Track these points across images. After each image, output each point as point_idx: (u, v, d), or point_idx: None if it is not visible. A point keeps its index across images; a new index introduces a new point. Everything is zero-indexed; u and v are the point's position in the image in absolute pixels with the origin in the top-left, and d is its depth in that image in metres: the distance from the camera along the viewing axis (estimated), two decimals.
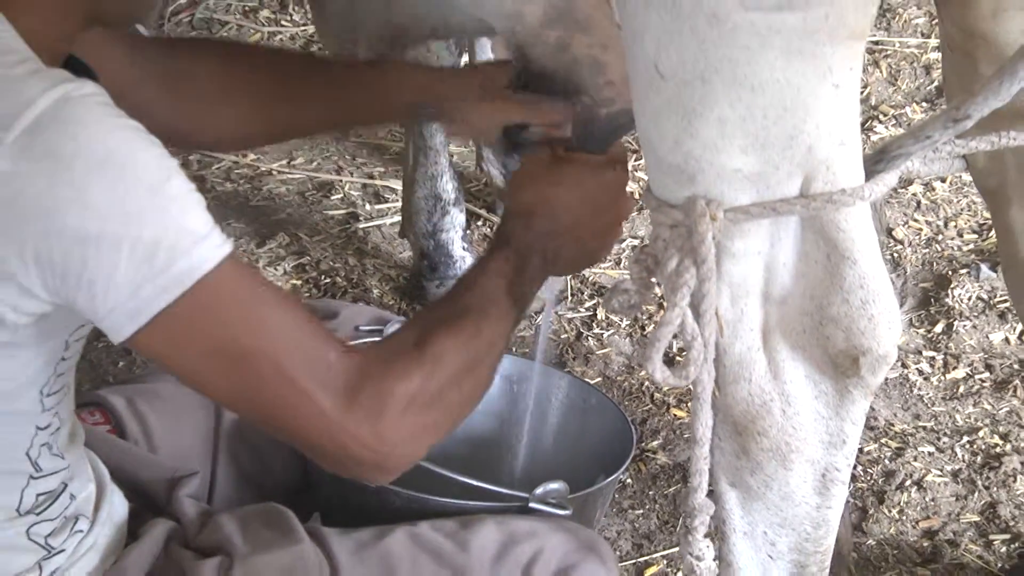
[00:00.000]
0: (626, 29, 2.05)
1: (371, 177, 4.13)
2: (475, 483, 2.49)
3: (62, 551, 2.18)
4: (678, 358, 2.11)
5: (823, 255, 2.09)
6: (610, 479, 2.63)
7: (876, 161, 2.15)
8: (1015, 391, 3.52)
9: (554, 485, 2.48)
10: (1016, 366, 3.57)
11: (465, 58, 4.04)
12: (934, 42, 4.57)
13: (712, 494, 2.26)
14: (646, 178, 2.15)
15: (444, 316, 2.20)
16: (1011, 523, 3.23)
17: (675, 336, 2.07)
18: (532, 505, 2.46)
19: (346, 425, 2.04)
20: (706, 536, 2.23)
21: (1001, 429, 3.44)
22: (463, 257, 3.79)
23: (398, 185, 4.07)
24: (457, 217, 3.81)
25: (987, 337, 3.67)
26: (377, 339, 2.50)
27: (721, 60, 1.95)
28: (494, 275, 2.30)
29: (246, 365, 2.01)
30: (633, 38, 2.03)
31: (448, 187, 3.80)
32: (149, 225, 1.89)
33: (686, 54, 1.97)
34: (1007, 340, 3.65)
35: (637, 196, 2.18)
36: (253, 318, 2.00)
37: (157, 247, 1.88)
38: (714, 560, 2.26)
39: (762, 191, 2.04)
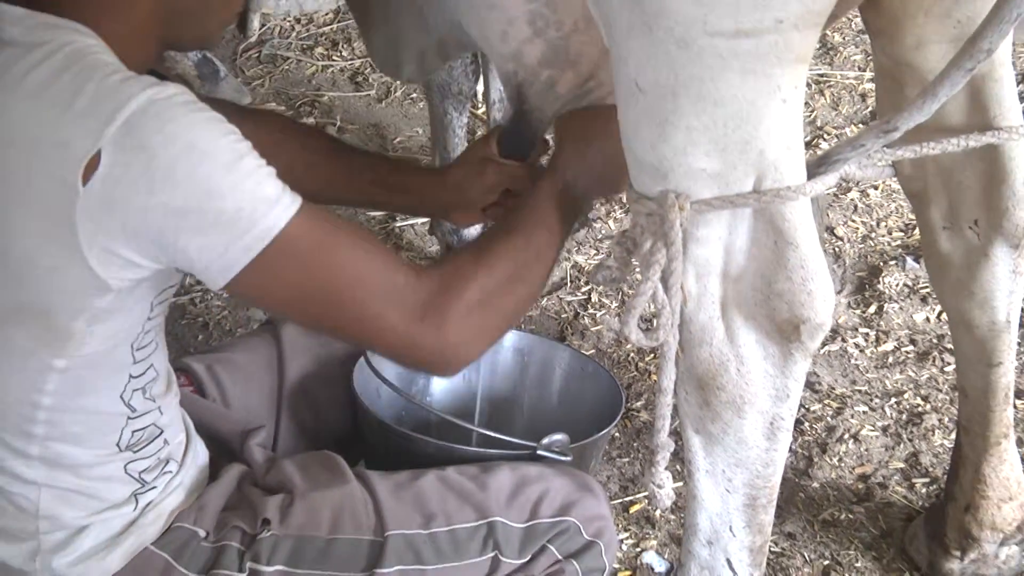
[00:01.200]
0: (612, 54, 2.04)
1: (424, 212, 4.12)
2: (492, 434, 2.51)
3: (154, 487, 2.19)
4: (649, 328, 2.11)
5: (771, 241, 2.10)
6: (603, 432, 2.65)
7: (819, 164, 2.15)
8: (934, 361, 3.52)
9: (557, 437, 2.49)
10: (935, 340, 3.57)
11: (481, 84, 4.03)
12: (868, 75, 4.59)
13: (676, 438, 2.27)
14: None
15: (498, 233, 2.24)
16: (930, 469, 3.23)
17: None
18: (539, 453, 2.48)
19: (415, 335, 2.09)
20: (666, 469, 2.28)
21: (923, 392, 3.44)
22: None
23: None
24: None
25: (911, 317, 3.66)
26: None
27: (689, 78, 1.95)
28: (546, 195, 2.33)
29: (326, 297, 2.06)
30: (618, 61, 2.03)
31: None
32: (229, 197, 1.92)
33: (660, 73, 1.97)
34: (928, 319, 3.65)
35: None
36: (328, 257, 2.03)
37: (238, 214, 1.92)
38: (672, 488, 2.29)
39: (722, 187, 2.04)
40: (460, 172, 2.65)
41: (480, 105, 4.07)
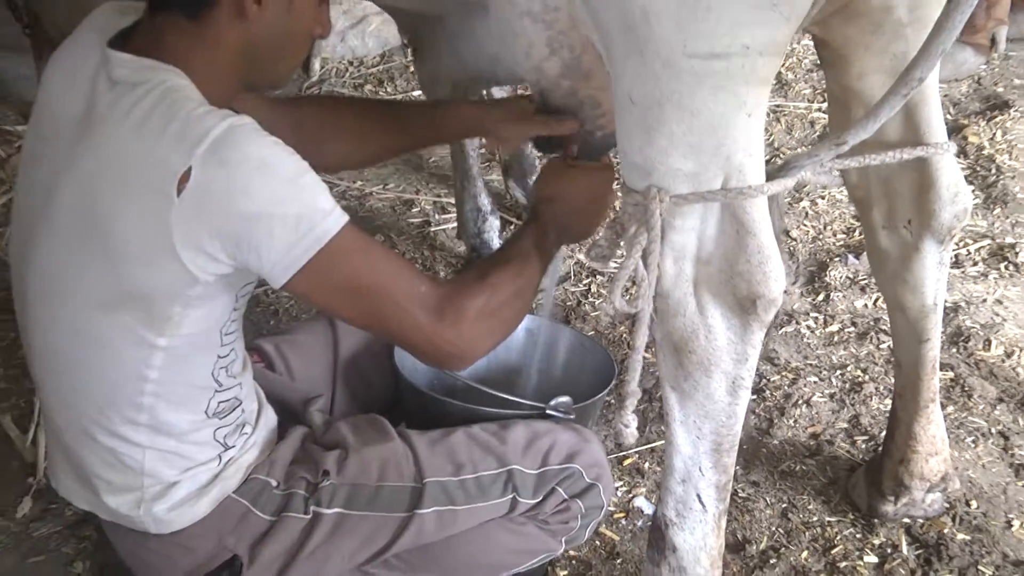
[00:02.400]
0: (611, 73, 2.06)
1: (439, 196, 4.14)
2: (509, 398, 2.51)
3: (234, 447, 2.24)
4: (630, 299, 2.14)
5: (734, 230, 2.13)
6: (599, 396, 2.67)
7: (780, 170, 2.16)
8: (871, 339, 3.50)
9: (562, 399, 2.51)
10: (872, 322, 3.56)
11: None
12: (816, 106, 4.61)
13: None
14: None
15: (497, 262, 2.25)
16: (869, 429, 3.21)
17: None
18: (548, 412, 2.49)
19: (435, 333, 2.12)
20: (632, 412, 2.33)
21: (862, 365, 3.42)
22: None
23: None
24: (494, 223, 3.78)
25: (853, 303, 3.65)
26: None
27: (671, 92, 1.99)
28: (528, 239, 2.34)
29: (365, 296, 2.08)
30: (615, 79, 2.05)
31: (485, 202, 3.78)
32: (292, 206, 1.96)
33: (648, 88, 2.00)
34: (866, 305, 3.64)
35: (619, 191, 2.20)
36: (367, 264, 2.07)
37: (299, 220, 1.96)
38: (636, 428, 2.35)
39: (695, 185, 2.07)
40: (502, 112, 2.66)
41: None
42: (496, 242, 3.76)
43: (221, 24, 2.03)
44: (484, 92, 3.73)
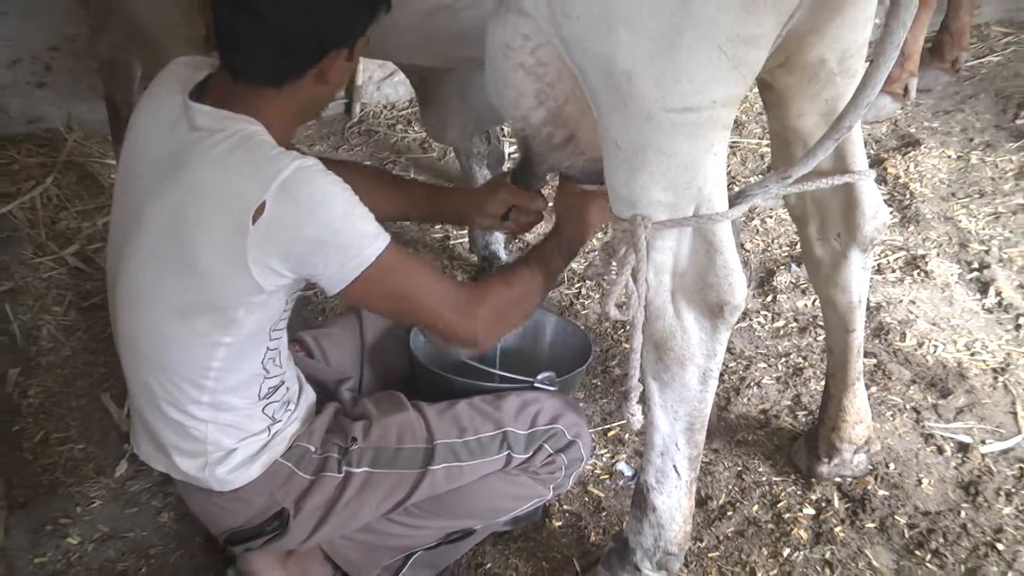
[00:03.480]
0: (599, 123, 2.07)
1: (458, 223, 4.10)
2: (504, 374, 2.55)
3: (280, 421, 2.25)
4: (622, 307, 2.13)
5: (704, 249, 2.15)
6: (578, 370, 2.69)
7: (736, 197, 2.17)
8: (810, 333, 3.50)
9: (548, 374, 2.54)
10: (811, 319, 3.55)
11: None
12: (764, 142, 4.58)
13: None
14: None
15: (512, 271, 2.30)
16: (807, 405, 3.22)
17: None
18: (536, 385, 2.51)
19: (458, 326, 2.18)
20: (637, 403, 2.30)
21: (803, 354, 3.43)
22: (504, 259, 3.75)
23: None
24: (498, 237, 3.77)
25: (795, 303, 3.65)
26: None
27: (652, 140, 2.01)
28: (545, 251, 2.42)
29: (403, 299, 2.12)
30: (603, 128, 2.06)
31: None
32: (346, 234, 2.01)
33: (632, 136, 2.01)
34: (806, 305, 3.63)
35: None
36: (405, 275, 2.08)
37: (351, 245, 2.00)
38: (641, 416, 2.33)
39: (672, 213, 2.08)
40: (482, 192, 2.71)
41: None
42: (501, 251, 3.75)
43: (300, 88, 2.07)
44: (487, 133, 3.70)
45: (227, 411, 2.18)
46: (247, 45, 2.00)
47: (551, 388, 2.52)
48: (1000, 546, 2.73)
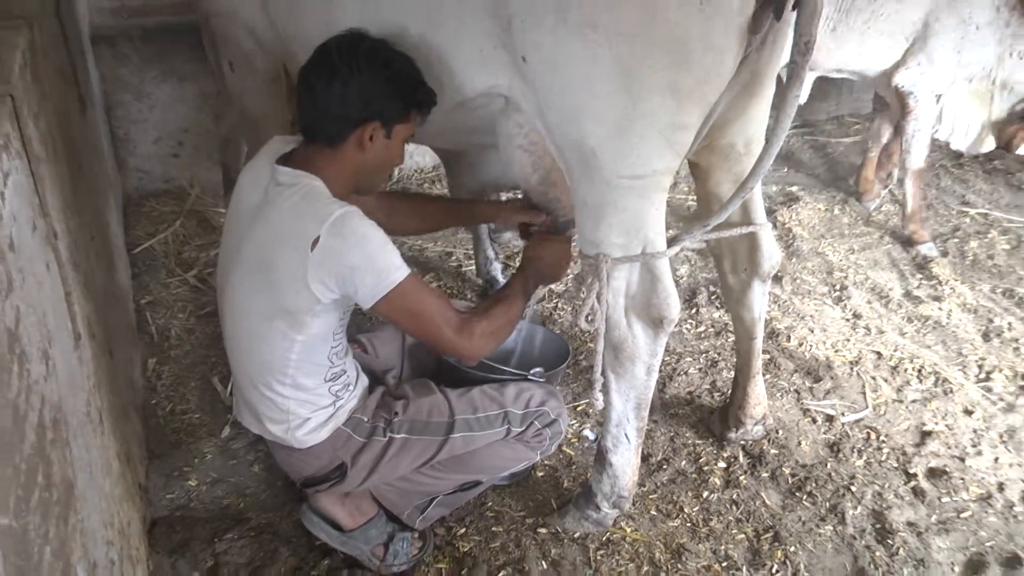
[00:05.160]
0: (571, 186, 2.07)
1: (467, 250, 4.04)
2: (507, 368, 2.46)
3: (342, 399, 2.20)
4: (588, 321, 2.10)
5: (649, 278, 2.10)
6: (560, 368, 2.59)
7: (672, 242, 2.16)
8: (723, 336, 3.46)
9: (538, 369, 2.46)
10: (724, 326, 3.51)
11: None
12: (691, 198, 4.54)
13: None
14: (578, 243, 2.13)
15: (496, 301, 2.19)
16: (721, 389, 3.17)
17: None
18: (529, 378, 2.42)
19: (456, 342, 2.07)
20: (599, 390, 2.30)
21: (718, 352, 3.38)
22: (501, 281, 3.66)
23: None
24: (497, 266, 3.69)
25: (712, 315, 3.61)
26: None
27: (610, 198, 2.01)
28: (517, 286, 2.25)
29: (415, 317, 2.06)
30: (574, 189, 2.09)
31: (491, 254, 3.68)
32: (378, 263, 1.93)
33: (596, 196, 2.00)
34: (720, 316, 3.58)
35: (575, 254, 2.16)
36: (418, 300, 2.00)
37: (381, 272, 1.95)
38: (602, 400, 2.32)
39: (625, 252, 2.05)
40: (503, 208, 2.61)
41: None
42: (499, 276, 3.68)
43: (347, 151, 2.03)
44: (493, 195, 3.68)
45: (303, 391, 2.13)
46: (309, 112, 2.03)
47: (540, 380, 2.46)
48: (853, 488, 2.71)
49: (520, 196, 2.56)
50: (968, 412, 3.05)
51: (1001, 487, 2.73)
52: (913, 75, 3.71)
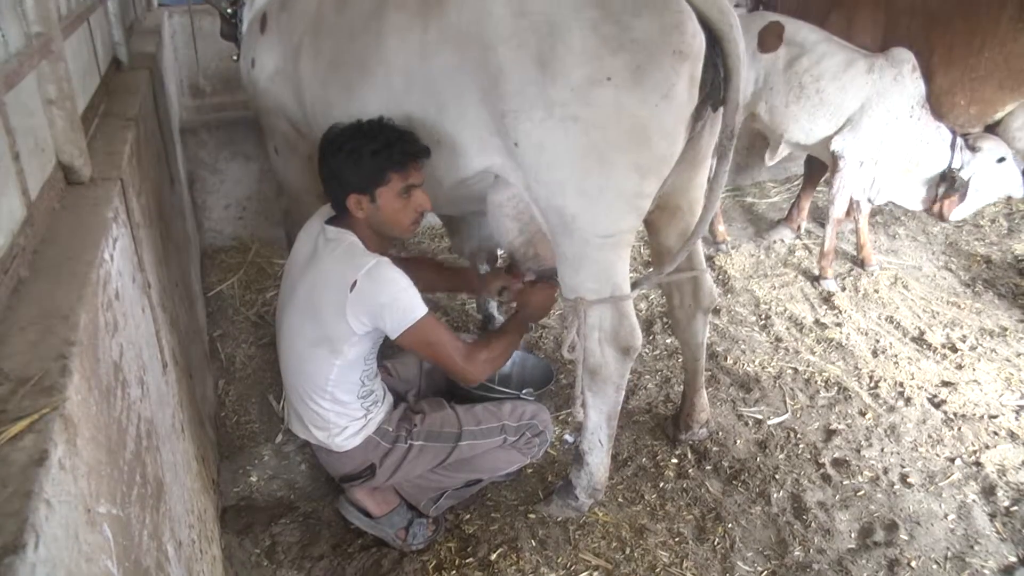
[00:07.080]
0: (552, 244, 2.03)
1: (471, 295, 3.99)
2: (503, 389, 2.42)
3: (372, 412, 2.16)
4: (571, 350, 2.07)
5: (617, 316, 2.09)
6: (546, 387, 2.56)
7: (634, 286, 2.13)
8: (674, 357, 3.42)
9: (529, 389, 2.43)
10: (675, 349, 3.47)
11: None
12: (647, 250, 4.48)
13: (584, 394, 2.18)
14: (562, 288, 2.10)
15: (495, 336, 2.16)
16: (674, 399, 3.14)
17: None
18: (522, 396, 2.39)
19: (463, 367, 2.03)
20: (580, 406, 2.26)
21: (670, 371, 3.34)
22: (497, 318, 3.60)
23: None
24: (493, 304, 3.61)
25: (666, 340, 3.57)
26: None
27: (586, 252, 2.00)
28: (513, 322, 2.23)
29: (430, 347, 2.01)
30: (556, 246, 2.03)
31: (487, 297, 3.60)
32: (403, 300, 1.90)
33: (574, 252, 1.99)
34: (672, 341, 3.54)
35: (557, 297, 2.13)
36: (433, 333, 1.96)
37: (404, 311, 1.93)
38: (580, 414, 2.29)
39: (598, 295, 2.05)
40: (487, 277, 2.56)
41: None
42: (496, 312, 3.61)
43: (354, 216, 2.02)
44: (487, 252, 3.64)
45: (340, 405, 2.11)
46: (324, 187, 2.04)
47: (531, 399, 2.44)
48: (777, 476, 2.69)
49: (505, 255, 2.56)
50: (862, 414, 3.05)
51: (886, 471, 2.74)
52: (847, 142, 3.86)
